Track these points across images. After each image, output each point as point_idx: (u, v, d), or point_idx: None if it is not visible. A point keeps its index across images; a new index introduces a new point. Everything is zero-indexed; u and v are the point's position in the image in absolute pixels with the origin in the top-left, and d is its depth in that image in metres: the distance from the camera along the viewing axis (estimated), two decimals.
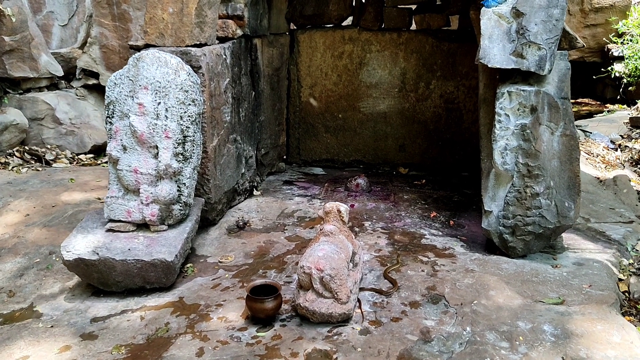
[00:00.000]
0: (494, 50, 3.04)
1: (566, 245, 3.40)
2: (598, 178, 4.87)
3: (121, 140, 3.09)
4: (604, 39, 8.41)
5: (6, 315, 2.81)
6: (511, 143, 3.09)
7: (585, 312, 2.61)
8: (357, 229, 3.74)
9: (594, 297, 2.76)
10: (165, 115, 3.04)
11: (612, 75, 7.79)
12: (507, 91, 3.06)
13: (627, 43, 7.70)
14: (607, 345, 2.35)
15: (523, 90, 3.04)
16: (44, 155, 5.26)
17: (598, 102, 8.65)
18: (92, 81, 6.32)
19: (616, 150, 5.78)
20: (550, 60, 2.95)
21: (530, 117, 3.05)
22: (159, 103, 3.04)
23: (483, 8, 3.14)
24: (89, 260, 2.86)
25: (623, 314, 2.77)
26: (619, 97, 8.03)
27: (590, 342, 2.38)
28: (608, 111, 7.75)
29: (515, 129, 3.07)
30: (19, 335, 2.60)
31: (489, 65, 3.05)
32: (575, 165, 3.07)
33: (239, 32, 3.88)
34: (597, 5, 8.39)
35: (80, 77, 6.29)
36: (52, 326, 2.68)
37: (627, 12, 8.06)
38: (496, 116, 3.09)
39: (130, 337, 2.56)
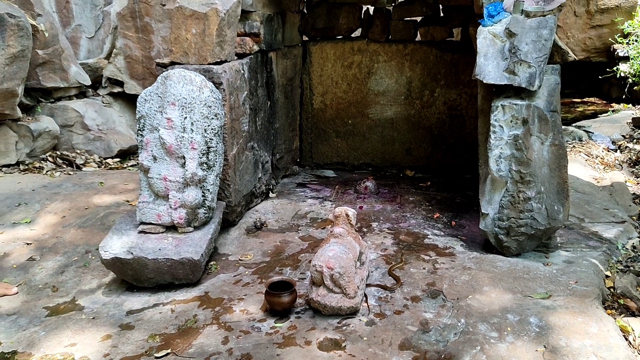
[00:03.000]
0: (489, 67, 3.28)
1: (559, 244, 3.61)
2: (595, 179, 5.07)
3: (151, 151, 3.39)
4: (609, 39, 8.53)
5: (52, 308, 3.10)
6: (505, 152, 3.34)
7: (569, 306, 2.83)
8: (365, 230, 3.99)
9: (578, 292, 2.98)
10: (191, 129, 3.35)
11: (618, 75, 7.89)
12: (501, 105, 3.30)
13: (633, 43, 7.80)
14: (585, 335, 2.59)
15: (515, 104, 3.28)
16: (75, 160, 5.53)
17: (604, 102, 8.77)
18: (117, 89, 6.62)
19: (616, 151, 5.95)
20: (540, 77, 3.19)
21: (522, 128, 3.30)
22: (185, 117, 3.34)
23: (480, 27, 3.38)
24: (124, 259, 3.14)
25: (606, 308, 2.97)
26: (624, 96, 8.16)
27: (570, 332, 2.61)
28: (613, 111, 7.88)
29: (509, 139, 3.32)
30: (65, 326, 2.89)
31: (484, 82, 3.29)
32: (564, 172, 3.31)
33: (256, 47, 4.15)
34: (602, 7, 8.49)
35: (106, 85, 6.59)
36: (93, 318, 2.95)
37: (633, 13, 8.17)
38: (491, 127, 3.33)
39: (163, 327, 2.83)
